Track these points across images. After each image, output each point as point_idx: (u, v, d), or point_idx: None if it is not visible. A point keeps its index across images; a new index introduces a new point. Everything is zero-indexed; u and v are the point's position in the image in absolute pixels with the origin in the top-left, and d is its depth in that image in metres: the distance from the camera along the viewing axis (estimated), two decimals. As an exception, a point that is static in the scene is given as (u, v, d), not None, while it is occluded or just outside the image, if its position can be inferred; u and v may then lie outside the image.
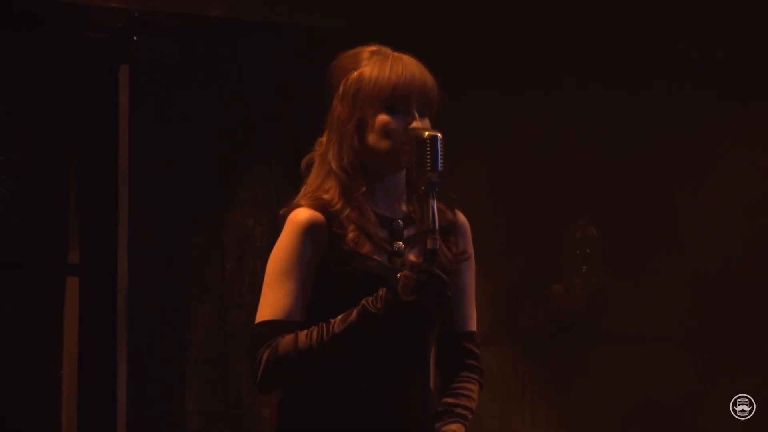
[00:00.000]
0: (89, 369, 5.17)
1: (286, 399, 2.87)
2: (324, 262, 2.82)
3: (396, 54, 2.92)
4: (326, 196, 2.86)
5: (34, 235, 5.31)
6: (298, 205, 2.85)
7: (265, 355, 2.77)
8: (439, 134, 2.77)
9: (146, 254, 5.32)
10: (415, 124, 2.84)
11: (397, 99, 2.85)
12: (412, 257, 2.84)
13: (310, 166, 2.92)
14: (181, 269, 5.47)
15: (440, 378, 2.96)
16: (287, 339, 2.76)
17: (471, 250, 3.00)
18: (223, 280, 5.53)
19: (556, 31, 5.87)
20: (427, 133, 2.77)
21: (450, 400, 2.93)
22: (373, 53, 2.91)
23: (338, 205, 2.84)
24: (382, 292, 2.72)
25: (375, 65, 2.88)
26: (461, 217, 2.99)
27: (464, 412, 2.92)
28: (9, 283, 5.29)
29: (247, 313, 5.41)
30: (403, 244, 2.87)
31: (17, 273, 5.32)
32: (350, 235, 2.82)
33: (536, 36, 5.86)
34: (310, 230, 2.81)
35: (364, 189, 2.86)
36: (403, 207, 2.92)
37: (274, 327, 2.79)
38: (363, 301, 2.73)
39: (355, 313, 2.73)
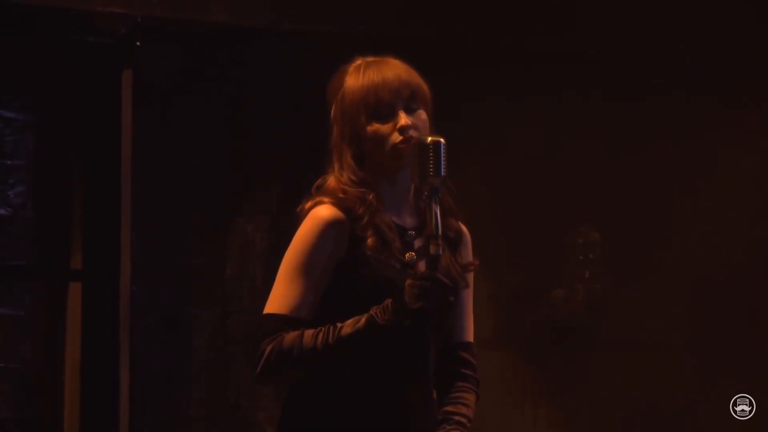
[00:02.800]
0: (91, 373, 5.18)
1: (290, 399, 2.88)
2: (341, 261, 2.82)
3: (371, 60, 2.92)
4: (346, 197, 2.86)
5: (38, 239, 5.32)
6: (321, 202, 2.85)
7: (268, 348, 2.78)
8: (441, 139, 2.77)
9: (148, 259, 5.33)
10: (402, 122, 2.84)
11: (375, 105, 2.86)
12: (422, 267, 2.82)
13: (319, 188, 2.91)
14: (182, 274, 5.47)
15: (437, 387, 2.95)
16: (292, 335, 2.77)
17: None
18: (223, 285, 5.53)
19: (555, 37, 5.87)
20: (429, 139, 2.77)
21: (448, 408, 2.94)
22: (355, 68, 2.91)
23: (359, 210, 2.84)
24: (388, 302, 2.73)
25: (351, 79, 2.89)
26: (463, 228, 3.00)
27: (463, 420, 2.92)
28: (13, 287, 5.30)
29: (247, 317, 5.42)
30: (415, 254, 2.87)
31: (21, 277, 5.33)
32: (369, 240, 2.82)
33: (536, 42, 5.86)
34: (331, 227, 2.82)
35: (372, 195, 2.86)
36: (412, 217, 2.93)
37: (280, 321, 2.80)
38: (371, 311, 2.74)
39: (363, 321, 2.74)
